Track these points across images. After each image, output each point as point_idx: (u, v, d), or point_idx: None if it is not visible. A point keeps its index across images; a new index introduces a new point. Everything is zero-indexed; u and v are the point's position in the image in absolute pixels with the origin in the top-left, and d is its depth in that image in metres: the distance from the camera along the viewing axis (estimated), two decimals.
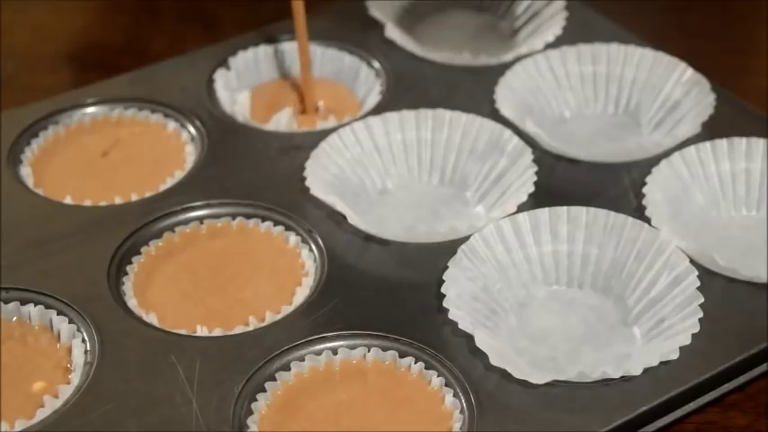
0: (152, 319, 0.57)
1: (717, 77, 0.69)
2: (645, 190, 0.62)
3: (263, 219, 0.63)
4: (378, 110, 0.69)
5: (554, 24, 0.75)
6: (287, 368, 0.55)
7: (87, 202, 0.64)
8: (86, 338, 0.56)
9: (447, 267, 0.57)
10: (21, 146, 0.68)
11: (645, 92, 0.70)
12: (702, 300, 0.56)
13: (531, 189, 0.62)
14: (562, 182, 0.64)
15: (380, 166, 0.66)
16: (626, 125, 0.70)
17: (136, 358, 0.55)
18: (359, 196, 0.64)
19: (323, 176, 0.63)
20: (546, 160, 0.65)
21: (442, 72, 0.72)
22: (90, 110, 0.71)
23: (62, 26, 0.85)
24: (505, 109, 0.67)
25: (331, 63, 0.74)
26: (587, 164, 0.65)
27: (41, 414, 0.53)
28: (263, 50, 0.75)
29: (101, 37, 0.84)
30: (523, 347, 0.56)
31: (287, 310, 0.58)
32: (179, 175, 0.66)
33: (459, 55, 0.73)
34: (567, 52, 0.71)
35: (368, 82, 0.73)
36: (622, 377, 0.54)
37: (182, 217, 0.63)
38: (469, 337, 0.55)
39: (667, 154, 0.64)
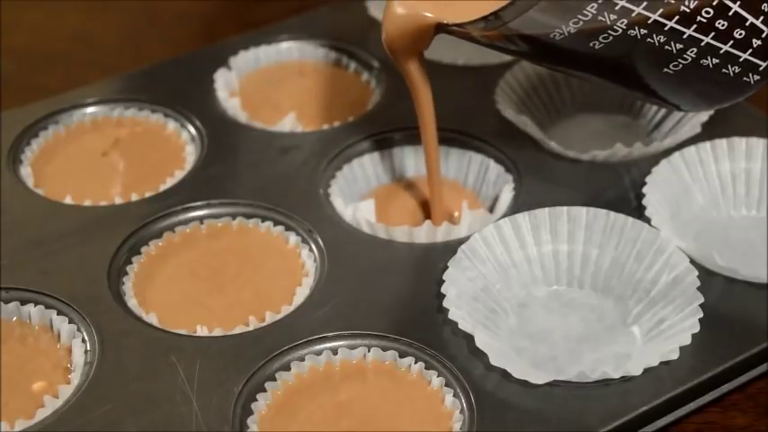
0: (152, 319, 0.57)
1: None
2: (645, 190, 0.62)
3: (263, 219, 0.63)
4: (377, 109, 0.68)
5: None
6: (287, 368, 0.55)
7: (87, 202, 0.64)
8: (86, 338, 0.56)
9: (447, 267, 0.57)
10: (21, 146, 0.68)
11: None
12: (702, 300, 0.56)
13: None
14: (562, 182, 0.64)
15: None
16: (626, 125, 0.70)
17: (136, 358, 0.55)
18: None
19: None
20: (546, 160, 0.65)
21: (441, 72, 0.72)
22: (90, 110, 0.71)
23: (62, 26, 0.85)
24: (506, 109, 0.67)
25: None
26: (587, 164, 0.65)
27: (41, 414, 0.53)
28: (264, 50, 0.75)
29: (101, 37, 0.84)
30: (523, 347, 0.56)
31: (287, 310, 0.58)
32: (179, 175, 0.66)
33: (459, 55, 0.73)
34: None
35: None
36: (622, 377, 0.54)
37: (182, 217, 0.63)
38: (469, 337, 0.55)
39: (667, 154, 0.64)
